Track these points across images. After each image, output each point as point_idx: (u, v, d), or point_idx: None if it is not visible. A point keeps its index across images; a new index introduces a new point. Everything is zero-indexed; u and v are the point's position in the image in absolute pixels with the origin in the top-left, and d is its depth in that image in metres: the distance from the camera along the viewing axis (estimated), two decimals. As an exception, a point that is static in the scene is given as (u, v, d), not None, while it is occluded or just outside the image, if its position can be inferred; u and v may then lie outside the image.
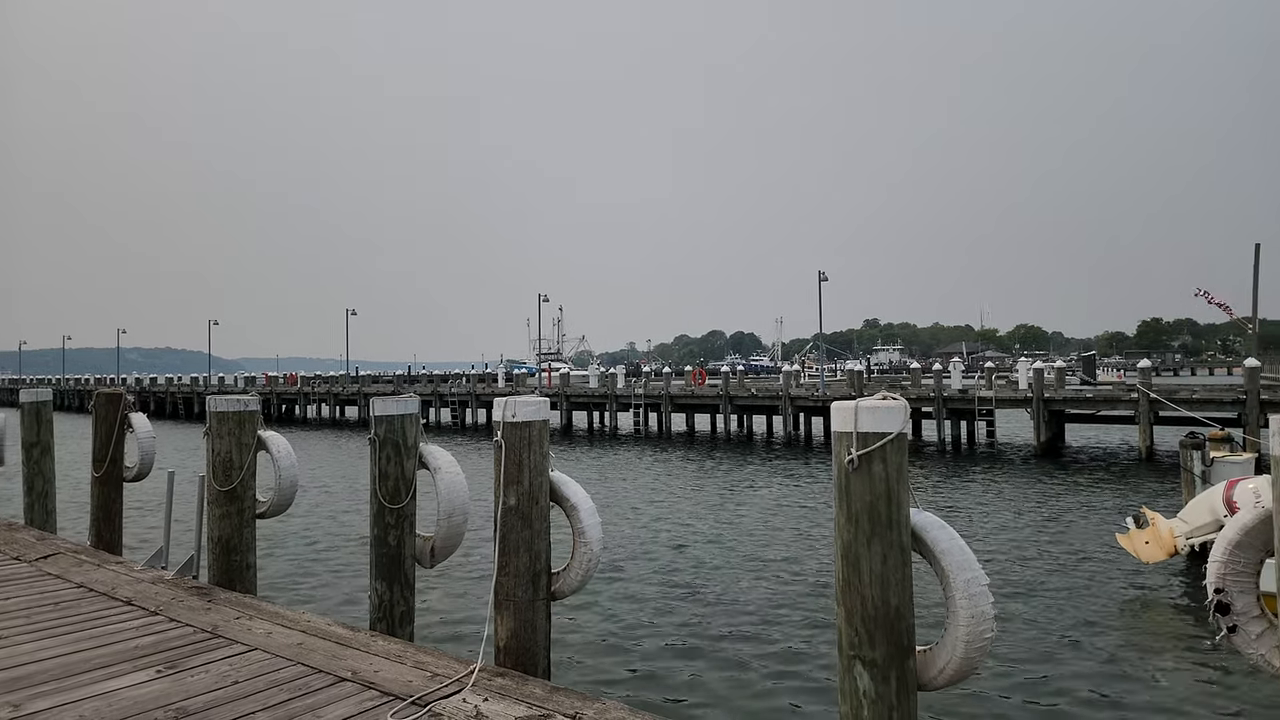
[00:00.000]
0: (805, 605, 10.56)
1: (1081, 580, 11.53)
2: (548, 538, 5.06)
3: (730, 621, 9.92)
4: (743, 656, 8.70)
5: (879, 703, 4.08)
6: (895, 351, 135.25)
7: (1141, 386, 27.48)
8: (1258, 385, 26.49)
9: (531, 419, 5.05)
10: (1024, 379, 32.10)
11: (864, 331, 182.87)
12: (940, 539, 4.43)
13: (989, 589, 4.29)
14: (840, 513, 4.39)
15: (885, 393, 4.62)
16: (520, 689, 4.43)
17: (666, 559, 13.34)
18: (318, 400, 56.24)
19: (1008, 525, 15.91)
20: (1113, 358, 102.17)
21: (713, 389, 39.33)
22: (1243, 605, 3.80)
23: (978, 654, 4.26)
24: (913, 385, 34.84)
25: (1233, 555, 3.83)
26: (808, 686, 7.89)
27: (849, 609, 4.27)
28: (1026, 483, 21.76)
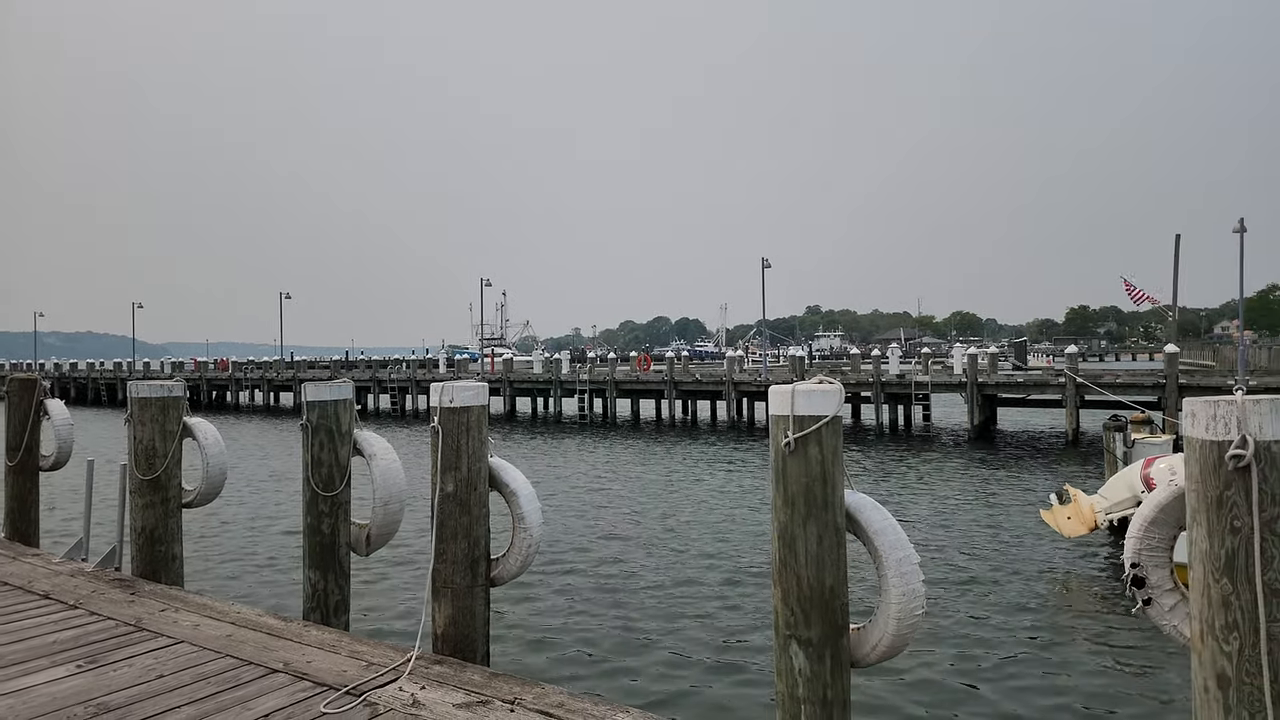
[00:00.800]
0: (744, 588, 10.71)
1: (1009, 555, 11.96)
2: (486, 524, 5.01)
3: (671, 605, 10.01)
4: (683, 639, 8.79)
5: (814, 680, 4.16)
6: (836, 338, 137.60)
7: (1069, 372, 28.54)
8: (1176, 370, 27.81)
9: (470, 404, 4.98)
10: (959, 364, 33.03)
11: (806, 318, 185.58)
12: (874, 519, 4.52)
13: (920, 567, 4.41)
14: (777, 495, 4.45)
15: (822, 377, 4.69)
16: (458, 676, 4.39)
17: (608, 544, 13.37)
18: (251, 386, 54.66)
19: (942, 505, 16.39)
20: (1043, 344, 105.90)
21: (658, 374, 39.45)
22: (1157, 579, 3.97)
23: (909, 630, 4.37)
24: (852, 371, 35.55)
25: (1148, 531, 3.99)
26: (746, 667, 8.01)
27: (785, 589, 4.33)
28: (960, 464, 22.43)
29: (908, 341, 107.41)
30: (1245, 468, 3.38)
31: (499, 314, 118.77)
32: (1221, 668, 3.41)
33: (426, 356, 61.82)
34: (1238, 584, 3.38)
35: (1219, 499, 3.44)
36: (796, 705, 4.14)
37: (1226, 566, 3.40)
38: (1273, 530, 3.33)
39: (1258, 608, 3.32)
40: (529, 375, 43.74)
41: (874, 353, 38.42)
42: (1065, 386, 28.38)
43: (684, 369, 40.30)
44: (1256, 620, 3.32)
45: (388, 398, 46.62)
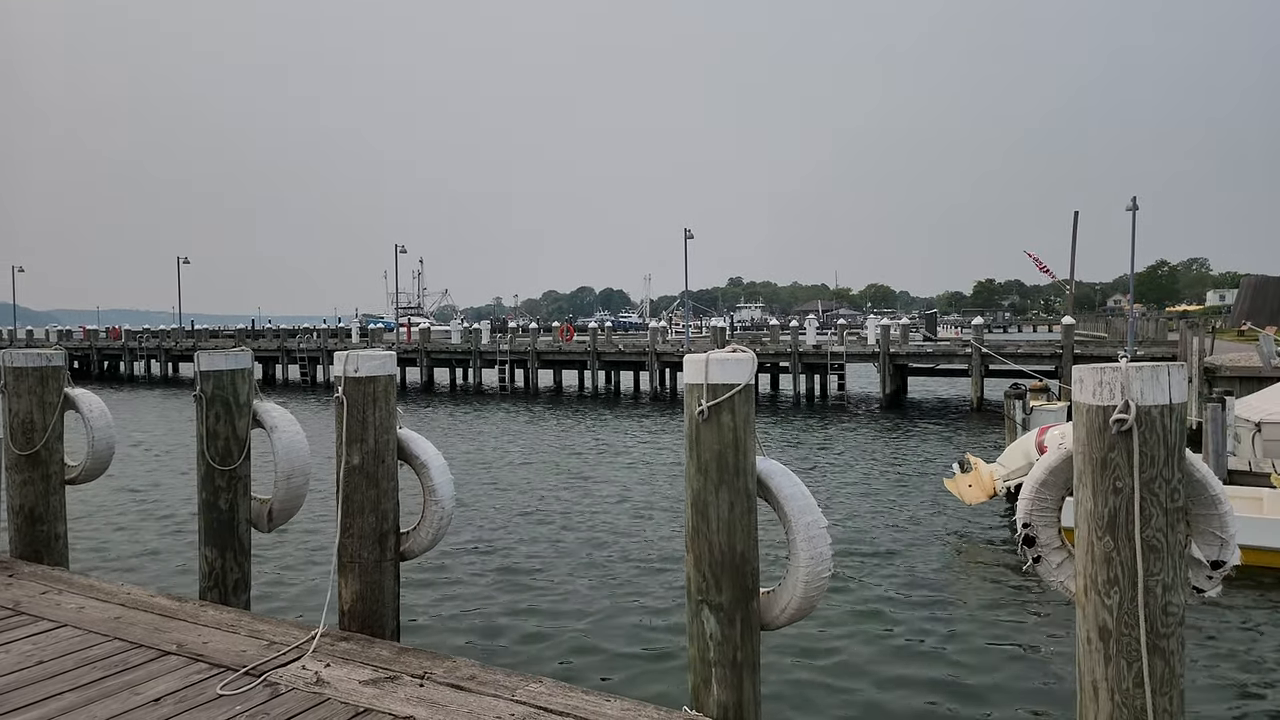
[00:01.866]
0: (660, 556, 10.83)
1: (914, 521, 12.45)
2: (395, 497, 4.87)
3: (589, 576, 10.04)
4: (600, 609, 8.83)
5: (725, 644, 4.22)
6: (757, 309, 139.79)
7: (975, 342, 29.76)
8: (1072, 341, 29.38)
9: (376, 373, 4.81)
10: (872, 335, 34.01)
11: (728, 290, 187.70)
12: (784, 485, 4.59)
13: (828, 532, 4.50)
14: (691, 462, 4.47)
15: (735, 345, 4.71)
16: (366, 652, 4.28)
17: (526, 516, 13.30)
18: (146, 356, 51.89)
19: (853, 473, 16.92)
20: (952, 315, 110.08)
21: (581, 345, 39.27)
22: (1046, 538, 4.16)
23: (816, 593, 4.47)
24: (772, 341, 36.17)
25: (1039, 493, 4.17)
26: (661, 635, 8.11)
27: (697, 555, 4.37)
28: (872, 432, 23.19)
29: (825, 313, 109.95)
30: (1127, 431, 3.55)
31: (416, 282, 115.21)
32: (1103, 620, 3.61)
33: (339, 326, 59.70)
34: (1119, 541, 3.56)
35: (1103, 461, 3.61)
36: (707, 668, 4.20)
37: (1109, 525, 3.58)
38: (1151, 490, 3.51)
39: (1136, 563, 3.51)
40: (447, 345, 42.87)
41: (792, 324, 39.21)
42: (971, 357, 29.60)
43: (607, 339, 40.20)
44: (1135, 575, 3.52)
45: (297, 368, 45.00)
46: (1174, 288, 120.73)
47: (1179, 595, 3.55)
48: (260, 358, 46.22)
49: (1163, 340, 31.54)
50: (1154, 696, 3.43)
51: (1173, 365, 3.55)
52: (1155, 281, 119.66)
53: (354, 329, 53.93)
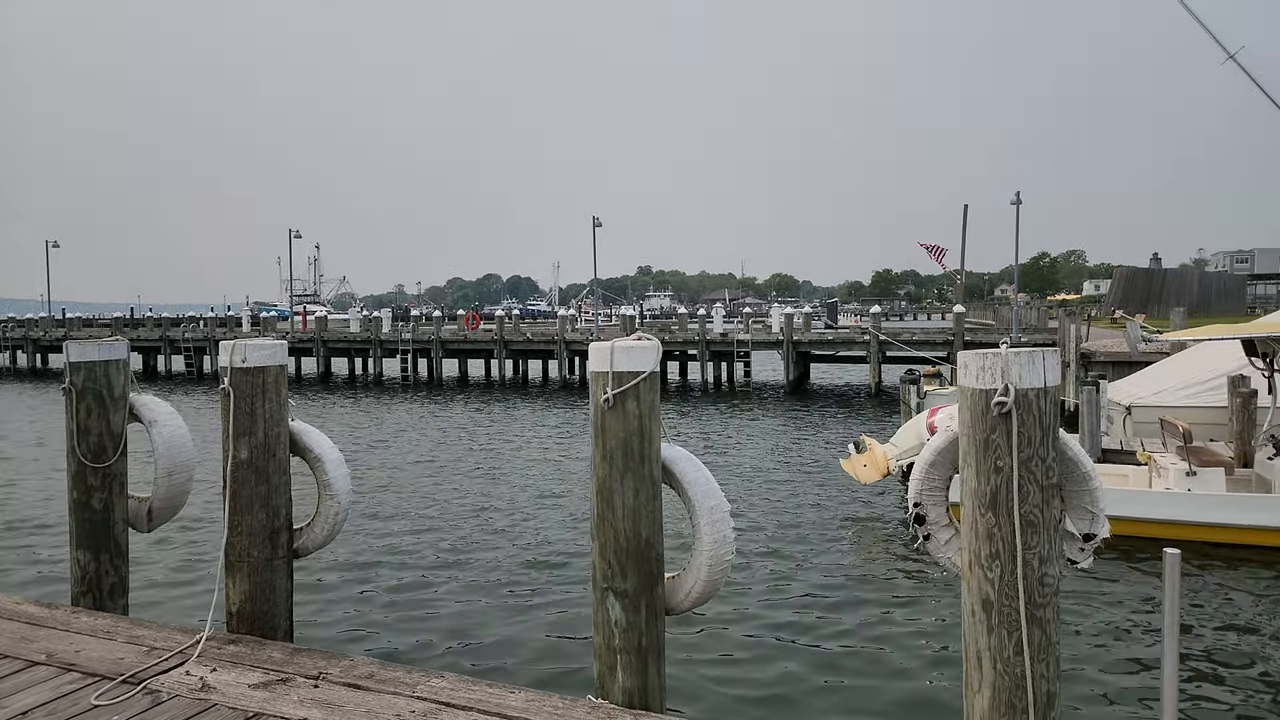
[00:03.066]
0: (567, 545, 10.80)
1: (813, 502, 12.84)
2: (288, 492, 4.67)
3: (494, 568, 9.90)
4: (505, 602, 8.73)
5: (630, 630, 4.24)
6: (666, 297, 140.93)
7: (873, 330, 30.90)
8: (962, 328, 30.96)
9: (266, 364, 4.59)
10: (776, 323, 34.85)
11: (638, 278, 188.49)
12: (688, 471, 4.64)
13: (731, 516, 4.58)
14: (596, 450, 4.46)
15: (641, 333, 4.72)
16: (256, 654, 4.09)
17: (429, 508, 13.03)
18: (11, 347, 48.14)
19: (757, 457, 17.30)
20: (852, 304, 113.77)
21: (487, 333, 38.66)
22: (935, 516, 4.35)
23: (720, 575, 4.55)
24: (680, 329, 36.56)
25: (928, 473, 4.35)
26: (567, 625, 8.09)
27: (603, 543, 4.37)
28: (776, 418, 23.77)
29: (732, 302, 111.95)
30: (1007, 413, 3.73)
31: (312, 269, 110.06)
32: (986, 593, 3.80)
33: (228, 314, 56.69)
34: (1000, 517, 3.75)
35: (985, 441, 3.79)
36: (613, 655, 4.21)
37: (991, 502, 3.77)
38: (1029, 469, 3.71)
39: (1015, 538, 3.70)
40: (346, 334, 41.38)
41: (700, 312, 39.73)
42: (869, 343, 30.72)
43: (515, 328, 39.72)
44: (1015, 549, 3.71)
45: (182, 359, 42.56)
46: (1055, 278, 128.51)
47: (1054, 567, 3.77)
48: (140, 348, 43.57)
49: (1044, 328, 33.54)
50: (1032, 663, 3.65)
51: (1048, 351, 3.75)
52: (1038, 272, 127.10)
53: (245, 317, 51.41)
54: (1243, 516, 10.02)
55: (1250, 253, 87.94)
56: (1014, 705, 3.65)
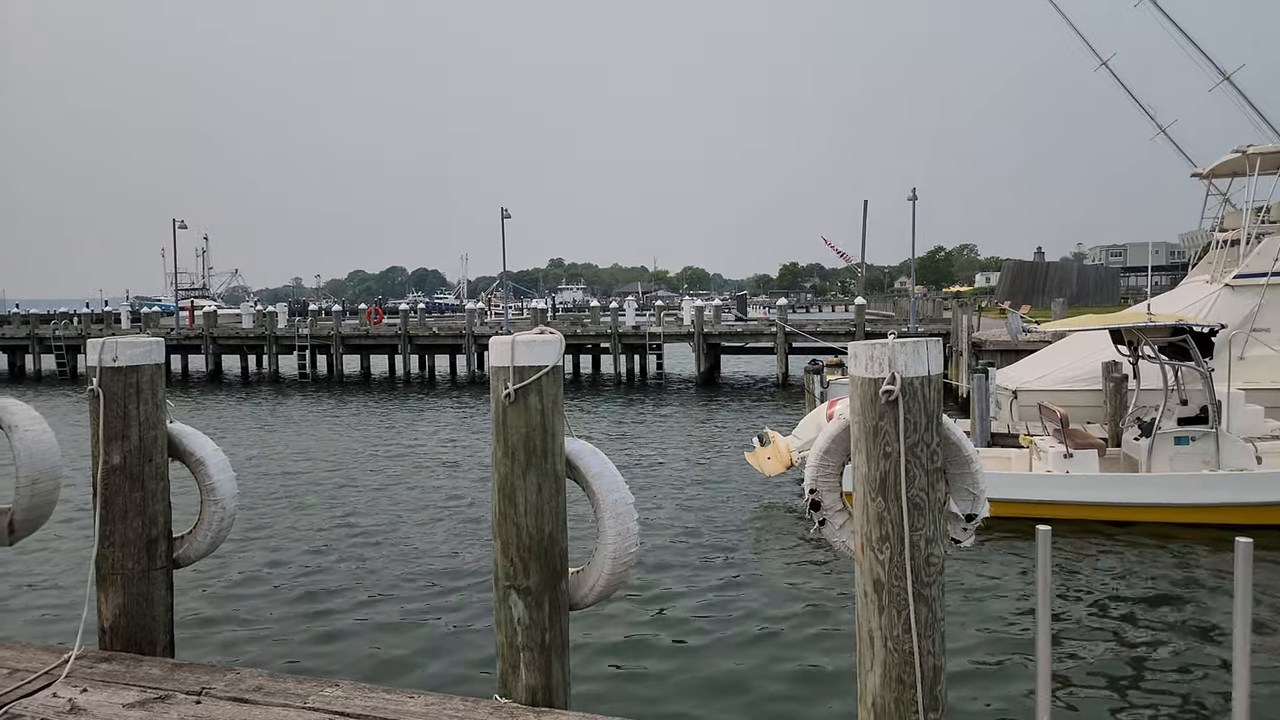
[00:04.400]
0: (466, 545, 10.61)
1: (719, 493, 13.05)
2: (167, 499, 4.42)
3: (388, 572, 9.57)
4: (400, 606, 8.48)
5: (533, 627, 4.20)
6: (579, 290, 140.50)
7: (779, 322, 31.63)
8: (864, 320, 32.05)
9: (140, 362, 4.32)
10: (688, 316, 35.23)
11: (550, 271, 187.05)
12: (593, 464, 4.63)
13: (635, 508, 4.60)
14: (497, 447, 4.39)
15: (543, 327, 4.68)
16: (132, 672, 3.86)
17: (325, 511, 12.58)
18: None
19: (666, 449, 17.46)
20: (760, 297, 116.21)
21: (391, 328, 37.64)
22: (830, 502, 4.48)
23: (624, 569, 4.55)
24: (593, 322, 36.50)
25: (823, 461, 4.47)
26: (467, 628, 7.95)
27: (505, 540, 4.31)
28: (686, 410, 24.05)
29: (645, 295, 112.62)
30: (894, 401, 3.87)
31: (200, 261, 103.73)
32: (877, 574, 3.94)
33: (105, 309, 53.01)
34: (889, 501, 3.89)
35: (875, 428, 3.92)
36: (515, 654, 4.17)
37: (880, 487, 3.90)
38: (915, 454, 3.86)
39: (903, 520, 3.85)
40: (237, 330, 39.45)
41: (612, 305, 39.79)
42: (777, 335, 31.44)
43: (421, 322, 38.79)
44: (903, 531, 3.86)
45: (53, 358, 39.64)
46: (949, 271, 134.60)
47: (939, 547, 3.94)
48: (6, 347, 40.44)
49: (939, 318, 35.05)
50: (919, 640, 3.80)
51: (931, 341, 3.91)
52: (934, 265, 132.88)
53: (124, 313, 48.33)
54: (1113, 495, 10.74)
55: (1124, 247, 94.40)
56: (903, 681, 3.80)
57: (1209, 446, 10.76)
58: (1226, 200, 17.80)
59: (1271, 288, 14.84)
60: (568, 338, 41.38)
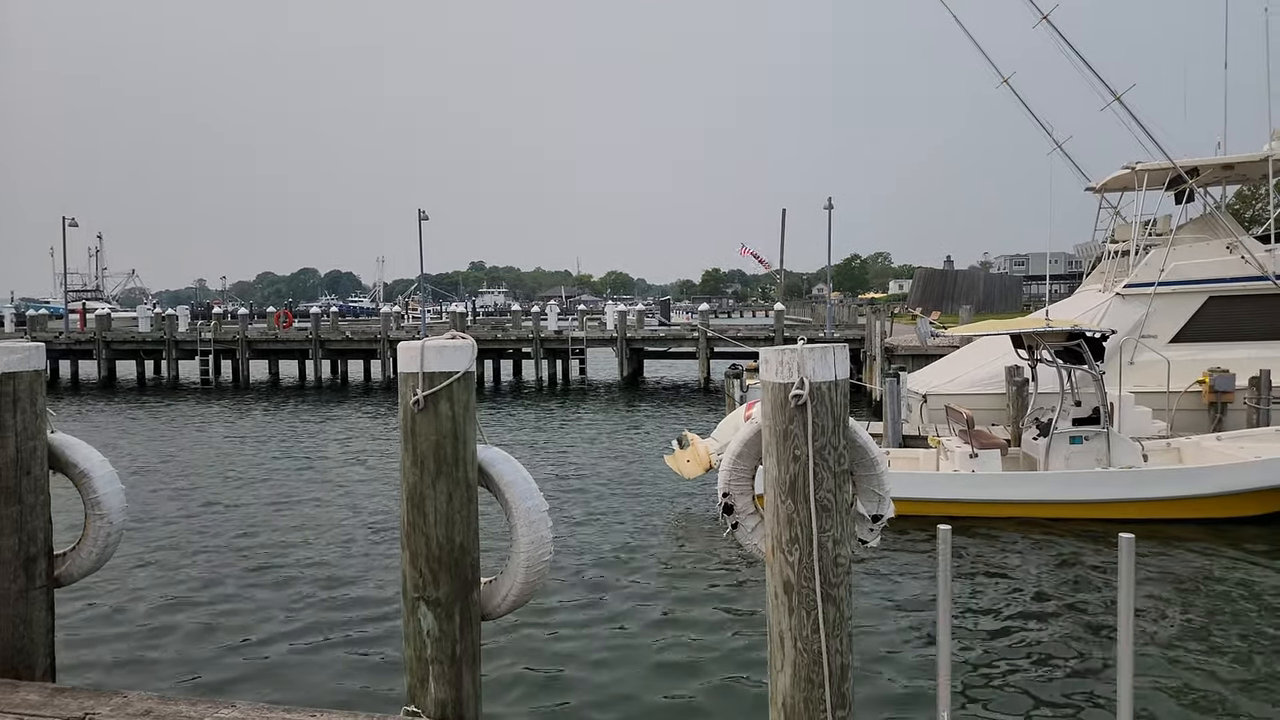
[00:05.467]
0: (374, 557, 10.33)
1: (638, 498, 13.06)
2: (47, 513, 4.15)
3: (292, 586, 9.21)
4: (305, 621, 8.16)
5: (443, 639, 4.11)
6: (500, 294, 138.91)
7: (701, 327, 32.00)
8: (783, 325, 32.73)
9: (18, 369, 4.04)
10: (611, 321, 35.27)
11: (470, 274, 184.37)
12: (505, 472, 4.56)
13: (549, 515, 4.55)
14: (406, 455, 4.29)
15: (454, 331, 4.59)
16: (8, 699, 3.60)
17: (221, 524, 12.05)
18: None
19: (586, 454, 17.42)
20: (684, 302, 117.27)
21: (302, 332, 36.40)
22: (742, 505, 4.53)
23: (538, 577, 4.51)
24: (514, 327, 36.15)
25: (736, 464, 4.53)
26: (374, 640, 7.73)
27: (414, 551, 4.21)
28: (608, 415, 24.05)
29: (568, 299, 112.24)
30: (803, 405, 3.96)
31: (93, 261, 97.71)
32: (787, 576, 4.01)
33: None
34: (798, 503, 3.96)
35: (785, 432, 3.99)
36: (424, 667, 4.07)
37: (790, 489, 3.97)
38: (823, 456, 3.94)
39: (812, 522, 3.93)
40: (133, 334, 37.43)
41: (534, 310, 39.49)
42: (699, 340, 31.79)
43: (333, 326, 37.63)
44: (811, 533, 3.94)
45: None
46: (864, 277, 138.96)
47: (846, 548, 4.04)
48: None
49: (854, 324, 36.10)
50: (827, 639, 3.88)
51: (838, 346, 4.01)
52: (850, 272, 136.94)
53: (7, 316, 45.25)
54: (1014, 492, 11.26)
55: (1026, 256, 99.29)
56: (811, 680, 3.87)
57: (1101, 446, 11.39)
58: (1117, 213, 18.90)
59: (1158, 297, 15.83)
60: (488, 342, 40.77)
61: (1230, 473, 10.95)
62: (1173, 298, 15.81)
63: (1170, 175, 17.07)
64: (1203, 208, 17.57)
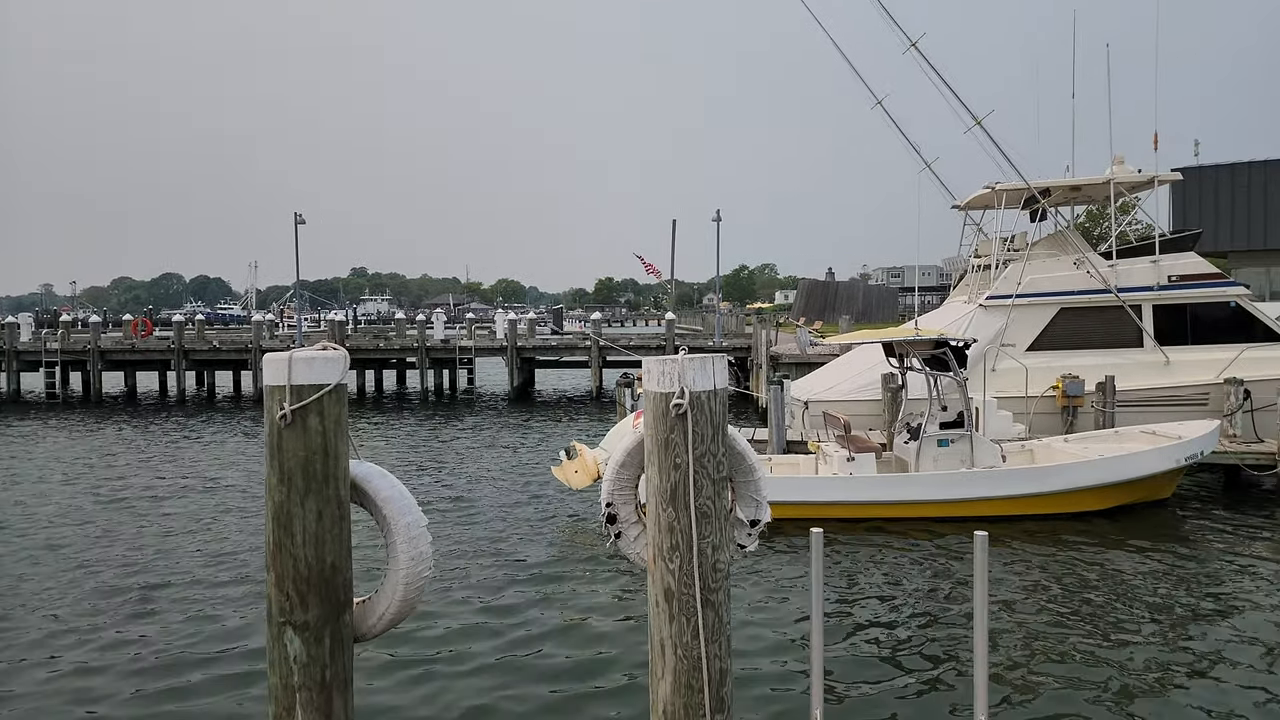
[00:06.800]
0: (237, 581, 9.75)
1: (525, 510, 12.83)
2: None
3: (144, 618, 8.60)
4: (158, 656, 7.60)
5: (311, 665, 3.93)
6: (384, 302, 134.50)
7: (593, 335, 32.02)
8: (674, 334, 33.18)
9: None
10: (500, 329, 34.78)
11: (352, 280, 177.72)
12: (381, 488, 4.42)
13: (428, 530, 4.43)
14: (271, 473, 4.09)
15: (325, 343, 4.41)
16: None
17: (67, 549, 11.14)
18: None
19: (473, 467, 17.05)
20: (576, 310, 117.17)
21: (163, 342, 34.10)
22: (625, 514, 4.55)
23: (416, 594, 4.38)
24: (398, 335, 35.09)
25: (619, 474, 4.55)
26: (233, 671, 7.30)
27: (280, 574, 4.00)
28: (497, 426, 23.67)
29: (457, 307, 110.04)
30: (684, 414, 4.01)
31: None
32: (668, 583, 4.04)
33: None
34: (679, 511, 4.01)
35: (666, 441, 4.04)
36: (291, 694, 3.87)
37: (671, 497, 4.02)
38: (702, 464, 4.01)
39: (692, 529, 3.99)
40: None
41: (419, 318, 38.47)
42: (591, 349, 31.80)
43: (199, 335, 35.38)
44: (691, 539, 3.99)
45: None
46: (752, 288, 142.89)
47: (725, 553, 4.11)
48: None
49: (742, 333, 37.02)
50: (707, 645, 3.94)
51: (718, 356, 4.09)
52: (738, 282, 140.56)
53: None
54: (888, 494, 11.80)
55: (901, 269, 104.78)
56: (691, 686, 3.92)
57: (965, 448, 12.10)
58: (980, 230, 20.20)
59: (1016, 308, 16.99)
60: (370, 352, 39.45)
61: (1074, 471, 11.87)
62: (1028, 309, 17.01)
63: (1025, 195, 18.39)
64: (1054, 226, 19.03)
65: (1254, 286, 27.09)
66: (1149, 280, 16.91)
